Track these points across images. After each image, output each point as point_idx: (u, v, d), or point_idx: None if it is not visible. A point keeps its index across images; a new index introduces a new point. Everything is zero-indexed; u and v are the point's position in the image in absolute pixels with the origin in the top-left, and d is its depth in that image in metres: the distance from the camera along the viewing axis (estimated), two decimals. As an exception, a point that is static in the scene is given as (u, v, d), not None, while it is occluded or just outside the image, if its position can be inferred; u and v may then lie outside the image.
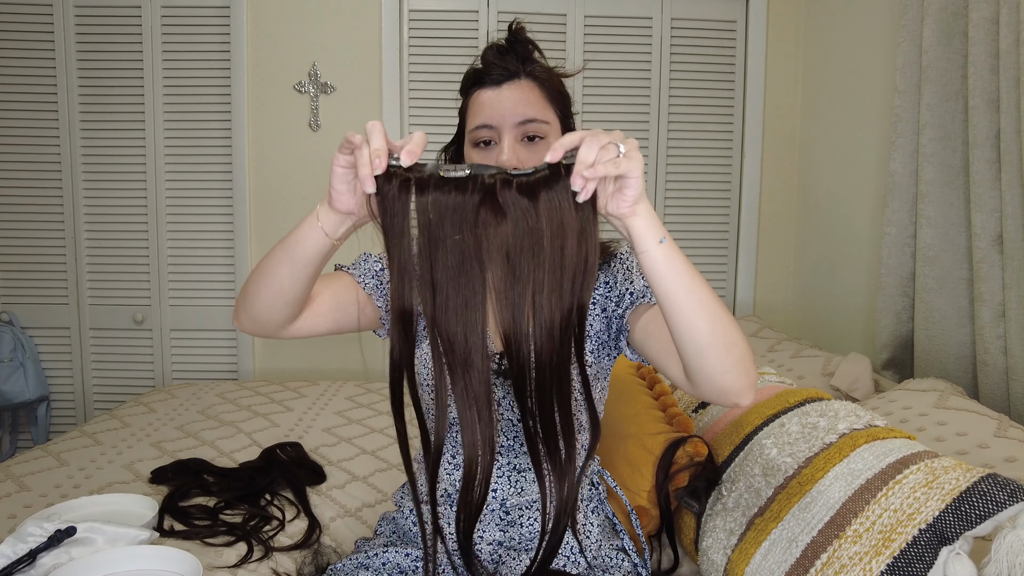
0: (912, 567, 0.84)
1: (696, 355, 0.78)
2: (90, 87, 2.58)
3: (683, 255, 0.77)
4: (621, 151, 0.71)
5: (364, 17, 2.58)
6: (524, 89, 0.96)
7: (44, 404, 2.66)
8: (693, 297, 0.75)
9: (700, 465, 1.19)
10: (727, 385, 0.79)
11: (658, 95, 2.65)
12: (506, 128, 0.95)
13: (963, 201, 1.68)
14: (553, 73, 1.01)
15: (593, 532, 1.06)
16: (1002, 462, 1.12)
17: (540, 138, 0.95)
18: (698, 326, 0.76)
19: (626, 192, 0.72)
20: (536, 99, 0.96)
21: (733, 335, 0.78)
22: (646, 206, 0.75)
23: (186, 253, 2.66)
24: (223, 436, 1.85)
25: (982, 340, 1.56)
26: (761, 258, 2.74)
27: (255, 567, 1.21)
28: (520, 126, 0.94)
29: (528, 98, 0.96)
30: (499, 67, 0.96)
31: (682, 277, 0.75)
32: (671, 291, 0.75)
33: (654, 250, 0.75)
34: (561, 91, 1.01)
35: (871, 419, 1.07)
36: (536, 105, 0.96)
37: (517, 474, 1.03)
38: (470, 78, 1.00)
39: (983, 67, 1.55)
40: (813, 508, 0.97)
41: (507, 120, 0.95)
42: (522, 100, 0.95)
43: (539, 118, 0.95)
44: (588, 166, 0.69)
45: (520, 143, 0.95)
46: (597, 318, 1.02)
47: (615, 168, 0.70)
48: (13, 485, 1.53)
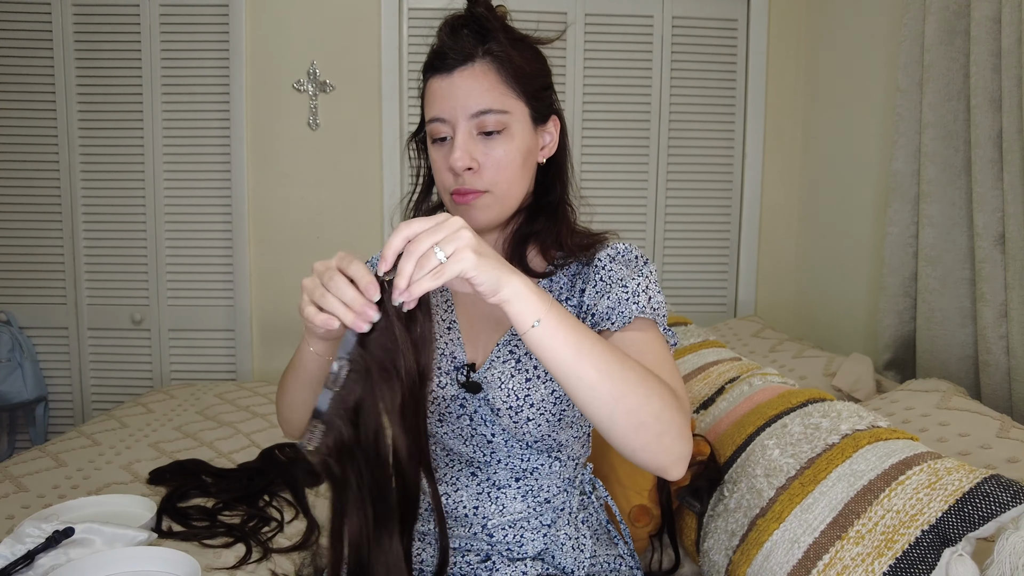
0: (915, 568, 0.83)
1: (604, 432, 0.73)
2: (88, 86, 2.57)
3: (575, 333, 0.70)
4: (440, 258, 0.65)
5: (364, 16, 2.57)
6: (478, 75, 0.86)
7: (42, 404, 2.66)
8: (583, 379, 0.69)
9: (702, 464, 1.19)
10: (641, 462, 0.74)
11: (659, 94, 2.65)
12: (459, 121, 0.86)
13: (965, 201, 1.68)
14: (523, 45, 0.90)
15: (587, 544, 1.01)
16: (1004, 463, 1.11)
17: (498, 132, 0.87)
18: (594, 407, 0.71)
19: (478, 288, 0.67)
20: (492, 85, 0.86)
21: (643, 414, 0.71)
22: (512, 289, 0.68)
23: (185, 253, 2.66)
24: (222, 437, 1.84)
25: (984, 340, 1.56)
26: (763, 258, 2.73)
27: (253, 568, 1.20)
28: (474, 118, 0.86)
29: (482, 86, 0.86)
30: (452, 50, 0.86)
31: (566, 359, 0.69)
32: (556, 372, 0.70)
33: (529, 334, 0.69)
34: (527, 70, 0.89)
35: (874, 420, 1.07)
36: (491, 93, 0.86)
37: (497, 491, 0.97)
38: (427, 60, 0.90)
39: (985, 66, 1.55)
40: (815, 509, 0.96)
41: (459, 113, 0.86)
42: (475, 89, 0.85)
43: (495, 108, 0.86)
44: (403, 288, 0.65)
45: (476, 137, 0.87)
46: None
47: (435, 280, 0.65)
48: (11, 486, 1.52)
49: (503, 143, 0.87)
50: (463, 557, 0.98)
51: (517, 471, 0.97)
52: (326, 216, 2.66)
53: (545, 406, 0.91)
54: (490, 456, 0.96)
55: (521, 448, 0.95)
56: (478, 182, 0.88)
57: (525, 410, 0.90)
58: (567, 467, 1.01)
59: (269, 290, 2.68)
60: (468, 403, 0.93)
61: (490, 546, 0.98)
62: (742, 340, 2.20)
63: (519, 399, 0.90)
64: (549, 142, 0.95)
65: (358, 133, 2.61)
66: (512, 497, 0.97)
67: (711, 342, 1.69)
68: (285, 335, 2.70)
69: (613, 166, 2.68)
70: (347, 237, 2.66)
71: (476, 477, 0.97)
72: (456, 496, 0.98)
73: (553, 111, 0.95)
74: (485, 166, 0.88)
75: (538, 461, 0.97)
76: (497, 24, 0.89)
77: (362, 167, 2.63)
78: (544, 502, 0.98)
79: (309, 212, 2.66)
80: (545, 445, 0.95)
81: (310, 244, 2.67)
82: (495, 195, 0.89)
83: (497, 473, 0.96)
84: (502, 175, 0.88)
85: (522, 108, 0.89)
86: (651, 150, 2.67)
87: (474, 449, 0.95)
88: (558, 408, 0.92)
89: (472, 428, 0.94)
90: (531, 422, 0.91)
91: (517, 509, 0.97)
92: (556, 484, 0.99)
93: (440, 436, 0.97)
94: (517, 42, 0.90)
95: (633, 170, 2.68)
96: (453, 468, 0.99)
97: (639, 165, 2.68)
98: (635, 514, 1.20)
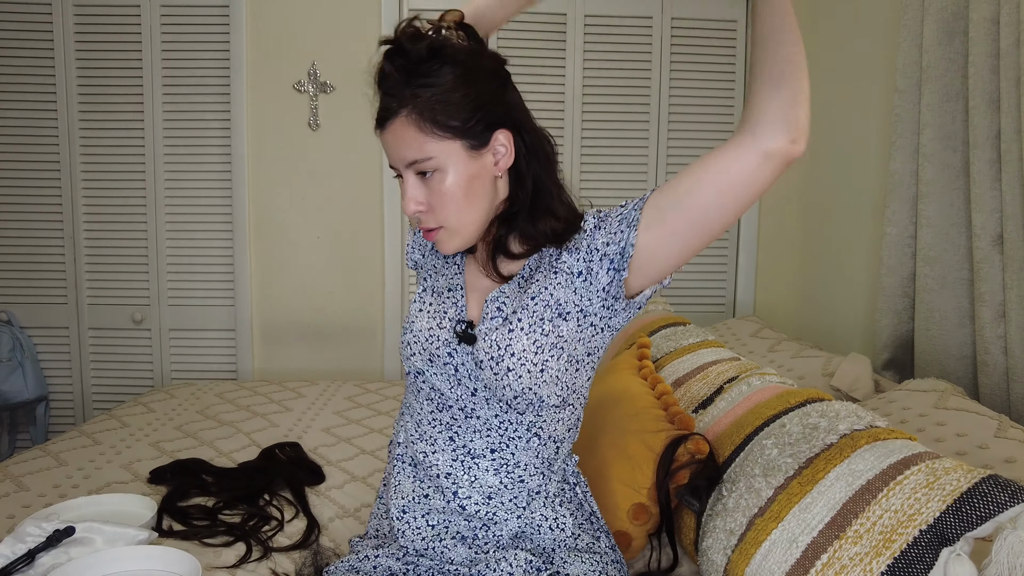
0: (913, 568, 0.84)
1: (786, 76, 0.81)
2: (89, 86, 2.57)
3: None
4: None
5: (364, 16, 2.58)
6: (400, 128, 0.90)
7: (43, 404, 2.66)
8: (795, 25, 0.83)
9: (701, 463, 1.19)
10: (801, 116, 0.81)
11: (658, 95, 2.65)
12: (402, 169, 0.94)
13: (963, 201, 1.68)
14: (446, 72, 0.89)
15: (568, 523, 1.01)
16: (1002, 463, 1.12)
17: (433, 171, 0.92)
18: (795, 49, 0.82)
19: None
20: (412, 137, 0.90)
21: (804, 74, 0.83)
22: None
23: (185, 252, 2.66)
24: (222, 436, 1.85)
25: (982, 340, 1.56)
26: (761, 258, 2.74)
27: (254, 567, 1.21)
28: (410, 167, 0.93)
29: (406, 138, 0.91)
30: (381, 104, 0.92)
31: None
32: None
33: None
34: (452, 106, 0.89)
35: (872, 420, 1.07)
36: (415, 144, 0.90)
37: (471, 459, 0.99)
38: None
39: (983, 67, 1.55)
40: (814, 509, 0.97)
41: (399, 163, 0.93)
42: (402, 143, 0.91)
43: (420, 158, 0.91)
44: None
45: (420, 178, 0.93)
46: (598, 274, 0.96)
47: None
48: (12, 485, 1.53)
49: (439, 181, 0.92)
50: (441, 542, 0.99)
51: (494, 441, 0.99)
52: (326, 216, 2.66)
53: (527, 356, 0.93)
54: (471, 412, 0.99)
55: (501, 410, 0.97)
56: (431, 220, 0.96)
57: (507, 359, 0.93)
58: (547, 447, 1.01)
59: (269, 290, 2.68)
60: (456, 354, 0.98)
61: (467, 521, 0.99)
62: (741, 340, 2.21)
63: (500, 349, 0.93)
64: (503, 154, 0.96)
65: (358, 134, 2.61)
66: (485, 468, 0.99)
67: (710, 342, 1.69)
68: (285, 335, 2.71)
69: (612, 167, 2.68)
70: (348, 238, 2.67)
71: (453, 442, 1.00)
72: (433, 458, 1.01)
73: (496, 127, 0.94)
74: (432, 205, 0.94)
75: (516, 432, 0.98)
76: (419, 59, 0.89)
77: (362, 168, 2.64)
78: (519, 480, 0.99)
79: (309, 212, 2.66)
80: (526, 401, 0.95)
81: (310, 244, 2.67)
82: (448, 229, 0.96)
83: (474, 441, 0.99)
84: (448, 210, 0.94)
85: (450, 145, 0.91)
86: (650, 151, 2.67)
87: (459, 396, 0.99)
88: (540, 359, 0.93)
89: (456, 378, 0.99)
90: (511, 372, 0.93)
91: (490, 482, 0.99)
92: (534, 464, 1.00)
93: (428, 374, 1.01)
94: (442, 71, 0.89)
95: (632, 170, 2.68)
96: (434, 428, 1.02)
97: (638, 166, 2.68)
98: (633, 512, 1.20)
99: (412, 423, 1.05)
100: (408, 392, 1.08)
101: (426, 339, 1.00)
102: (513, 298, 0.99)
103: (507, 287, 1.00)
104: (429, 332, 1.00)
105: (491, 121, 0.93)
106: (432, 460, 1.01)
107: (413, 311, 1.05)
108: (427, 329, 1.01)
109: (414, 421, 1.05)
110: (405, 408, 1.09)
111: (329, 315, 2.71)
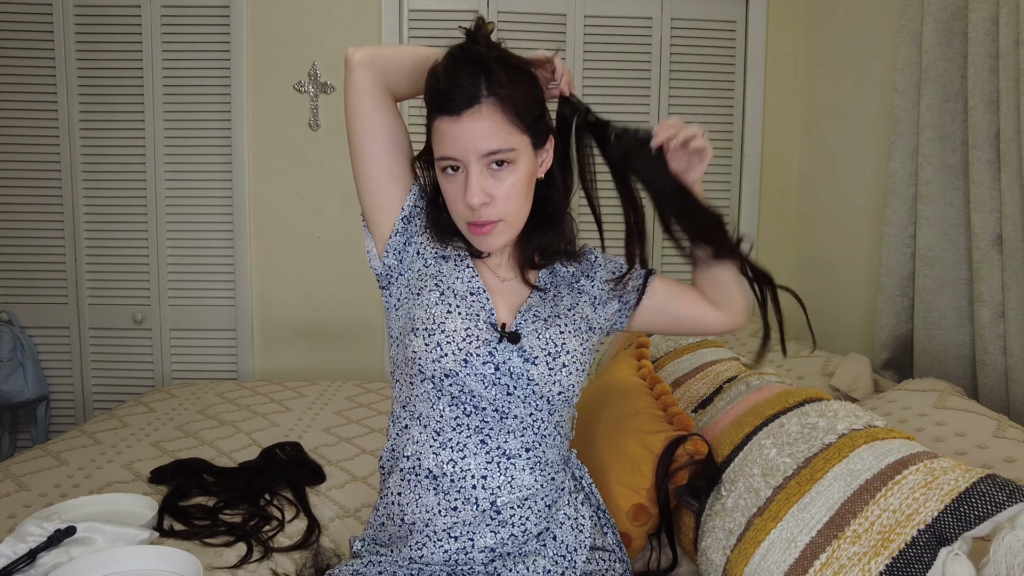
0: (911, 567, 0.84)
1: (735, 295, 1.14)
2: (90, 86, 2.58)
3: None
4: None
5: (364, 17, 2.58)
6: (485, 117, 0.89)
7: (43, 404, 2.66)
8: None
9: (700, 463, 1.19)
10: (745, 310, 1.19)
11: (658, 95, 2.65)
12: (471, 161, 0.91)
13: (963, 201, 1.68)
14: (520, 75, 0.93)
15: (586, 525, 1.05)
16: (1001, 462, 1.12)
17: (507, 163, 0.93)
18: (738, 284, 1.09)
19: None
20: (499, 125, 0.90)
21: None
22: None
23: (186, 252, 2.66)
24: (223, 436, 1.85)
25: (981, 340, 1.56)
26: (760, 258, 2.70)
27: (255, 567, 1.21)
28: (485, 158, 0.91)
29: (490, 127, 0.90)
30: (457, 91, 0.89)
31: None
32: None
33: None
34: (527, 104, 0.93)
35: (870, 419, 1.07)
36: (500, 134, 0.90)
37: (507, 460, 0.98)
38: (430, 97, 0.93)
39: (983, 67, 1.55)
40: (812, 508, 0.97)
41: (471, 155, 0.91)
42: (484, 132, 0.90)
43: (503, 148, 0.91)
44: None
45: (487, 171, 0.92)
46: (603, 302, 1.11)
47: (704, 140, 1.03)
48: (13, 485, 1.53)
49: (511, 175, 0.94)
50: (467, 555, 0.98)
51: (528, 440, 1.00)
52: (326, 216, 2.66)
53: (577, 354, 1.02)
54: (506, 412, 0.99)
55: (537, 408, 1.00)
56: (492, 213, 0.95)
57: (562, 356, 1.00)
58: (564, 444, 1.08)
59: (270, 290, 2.68)
60: (498, 352, 0.99)
61: (494, 532, 0.98)
62: (740, 340, 2.21)
63: (556, 346, 1.00)
64: (546, 158, 1.02)
65: (358, 133, 2.61)
66: (522, 468, 0.99)
67: (709, 342, 1.69)
68: (286, 335, 2.71)
69: (612, 166, 2.68)
70: (348, 238, 2.67)
71: (486, 445, 0.98)
72: (463, 464, 0.97)
73: (550, 132, 1.02)
74: (497, 198, 0.94)
75: (545, 429, 1.01)
76: (496, 59, 0.92)
77: (362, 167, 2.63)
78: (550, 479, 1.02)
79: (310, 212, 2.66)
80: (564, 398, 1.02)
81: (310, 244, 2.68)
82: (507, 222, 0.97)
83: (508, 442, 0.99)
84: (512, 204, 0.96)
85: (524, 140, 0.94)
86: (650, 150, 2.67)
87: (494, 396, 0.98)
88: (585, 359, 1.03)
89: (496, 376, 0.98)
90: (565, 368, 1.00)
91: (527, 483, 0.99)
92: (557, 461, 1.05)
93: (462, 376, 0.98)
94: (515, 72, 0.93)
95: (632, 170, 2.68)
96: (460, 433, 0.99)
97: (638, 165, 2.68)
98: (633, 513, 1.20)
99: (428, 433, 1.00)
100: (418, 401, 1.02)
101: (463, 339, 0.97)
102: (541, 305, 1.05)
103: (536, 294, 1.06)
104: (466, 332, 0.98)
105: (546, 126, 1.00)
106: (463, 466, 0.97)
107: (438, 313, 0.99)
108: (463, 329, 0.98)
109: (430, 431, 1.00)
110: (410, 420, 1.03)
111: (329, 315, 2.71)
